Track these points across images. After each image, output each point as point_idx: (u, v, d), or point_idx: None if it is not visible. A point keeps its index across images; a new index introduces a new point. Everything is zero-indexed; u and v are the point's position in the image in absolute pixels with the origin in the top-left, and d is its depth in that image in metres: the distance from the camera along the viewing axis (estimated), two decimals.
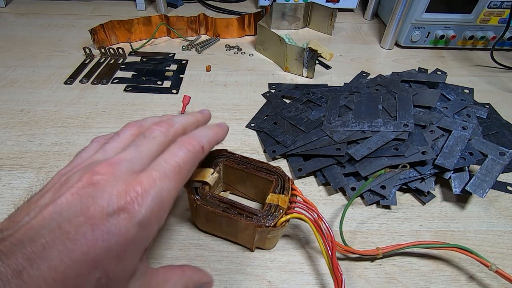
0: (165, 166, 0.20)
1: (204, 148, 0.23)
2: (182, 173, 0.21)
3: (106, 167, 0.19)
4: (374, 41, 0.66)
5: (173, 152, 0.21)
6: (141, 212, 0.18)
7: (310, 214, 0.27)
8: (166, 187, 0.19)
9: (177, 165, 0.21)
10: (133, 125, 0.24)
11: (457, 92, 0.47)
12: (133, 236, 0.17)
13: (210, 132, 0.25)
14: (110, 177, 0.18)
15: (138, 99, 0.48)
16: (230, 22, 0.63)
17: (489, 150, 0.37)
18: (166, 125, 0.23)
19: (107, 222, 0.17)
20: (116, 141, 0.22)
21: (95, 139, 0.24)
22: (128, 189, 0.18)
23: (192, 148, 0.22)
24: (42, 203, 0.18)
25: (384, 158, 0.36)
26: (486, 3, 0.57)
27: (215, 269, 0.29)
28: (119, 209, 0.17)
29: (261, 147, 0.41)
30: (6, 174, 0.36)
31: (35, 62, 0.55)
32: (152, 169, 0.20)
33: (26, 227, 0.16)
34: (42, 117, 0.44)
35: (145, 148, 0.21)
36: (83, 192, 0.17)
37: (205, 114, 0.28)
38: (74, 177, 0.19)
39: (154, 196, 0.18)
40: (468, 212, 0.35)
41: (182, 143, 0.22)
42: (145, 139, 0.22)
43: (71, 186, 0.18)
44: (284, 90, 0.50)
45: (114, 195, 0.17)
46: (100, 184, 0.18)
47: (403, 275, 0.29)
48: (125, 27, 0.60)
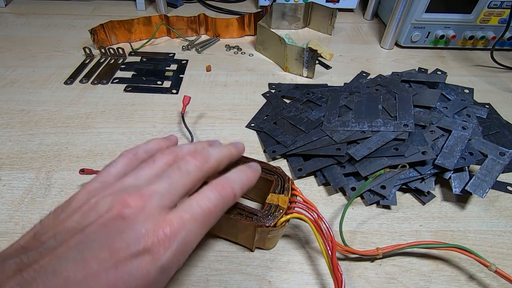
0: (197, 209, 0.20)
1: (236, 195, 0.22)
2: (211, 218, 0.20)
3: (137, 199, 0.18)
4: (374, 41, 0.66)
5: (206, 195, 0.21)
6: (165, 256, 0.17)
7: (310, 214, 0.27)
8: (193, 231, 0.19)
9: (208, 210, 0.20)
10: (169, 154, 0.23)
11: (457, 92, 0.47)
12: (153, 279, 0.17)
13: (244, 177, 0.24)
14: (140, 212, 0.18)
15: (138, 99, 0.48)
16: (230, 22, 0.63)
17: (489, 150, 0.37)
18: (201, 159, 0.22)
19: (130, 263, 0.16)
20: (150, 168, 0.22)
21: (124, 154, 0.23)
22: (156, 229, 0.17)
23: (226, 194, 0.21)
24: (69, 226, 0.17)
25: (384, 158, 0.36)
26: (486, 3, 0.57)
27: (215, 269, 0.29)
28: (144, 250, 0.17)
29: (261, 147, 0.41)
30: (6, 174, 0.36)
31: (35, 62, 0.55)
32: (183, 210, 0.19)
33: (51, 255, 0.16)
34: (42, 117, 0.44)
35: (178, 183, 0.20)
36: (111, 225, 0.17)
37: (240, 149, 0.27)
38: (103, 203, 0.18)
39: (181, 240, 0.18)
40: (468, 212, 0.35)
41: (217, 187, 0.21)
42: (179, 171, 0.21)
43: (100, 216, 0.18)
44: (284, 90, 0.50)
45: (142, 234, 0.17)
46: (130, 219, 0.17)
47: (403, 275, 0.29)
48: (125, 27, 0.60)
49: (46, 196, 0.34)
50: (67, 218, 0.18)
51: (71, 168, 0.37)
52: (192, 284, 0.28)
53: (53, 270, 0.16)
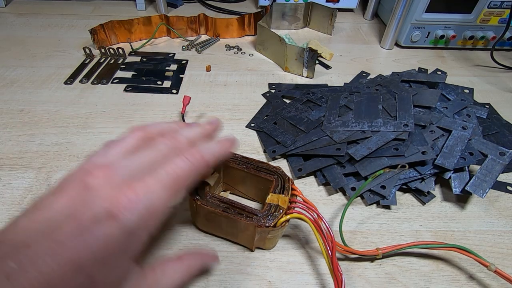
0: (163, 174, 0.20)
1: (208, 162, 0.23)
2: (179, 183, 0.21)
3: (103, 170, 0.19)
4: (374, 41, 0.66)
5: (174, 162, 0.21)
6: (130, 220, 0.18)
7: (310, 214, 0.27)
8: (159, 196, 0.19)
9: (175, 174, 0.20)
10: (138, 130, 0.23)
11: (457, 92, 0.47)
12: (120, 242, 0.18)
13: (216, 146, 0.24)
14: (105, 182, 0.18)
15: (138, 99, 0.48)
16: (230, 22, 0.63)
17: (489, 150, 0.37)
18: (171, 138, 0.23)
19: (94, 227, 0.17)
20: (119, 146, 0.22)
21: (105, 143, 0.24)
22: (120, 196, 0.18)
23: (194, 160, 0.22)
24: (42, 206, 0.18)
25: (384, 158, 0.36)
26: (486, 3, 0.57)
27: (215, 269, 0.29)
28: (108, 216, 0.17)
29: (261, 147, 0.41)
30: (6, 174, 0.36)
31: (35, 62, 0.55)
32: (149, 176, 0.20)
33: (22, 229, 0.17)
34: (42, 117, 0.44)
35: (146, 158, 0.21)
36: (77, 196, 0.18)
37: (214, 124, 0.28)
38: (72, 180, 0.19)
39: (146, 203, 0.18)
40: (468, 212, 0.35)
41: (185, 154, 0.22)
42: (148, 149, 0.22)
43: (67, 188, 0.18)
44: (284, 90, 0.50)
45: (106, 201, 0.18)
46: (94, 188, 0.18)
47: (403, 275, 0.29)
48: (125, 27, 0.60)
49: None
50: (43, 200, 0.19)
51: (71, 168, 0.37)
52: (192, 284, 0.28)
53: (23, 242, 0.16)
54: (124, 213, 0.18)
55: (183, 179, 0.21)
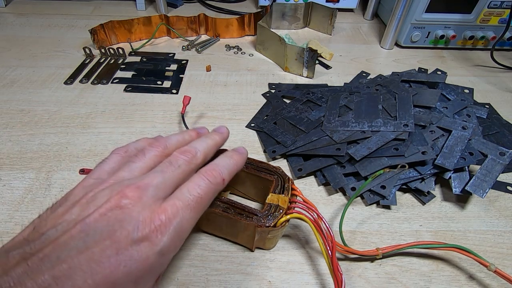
0: (188, 196, 0.21)
1: (224, 180, 0.24)
2: (202, 203, 0.22)
3: (134, 190, 0.19)
4: (374, 41, 0.66)
5: (196, 183, 0.22)
6: (162, 241, 0.18)
7: (310, 214, 0.27)
8: (187, 217, 0.20)
9: (199, 196, 0.21)
10: (158, 146, 0.24)
11: (457, 92, 0.47)
12: (152, 263, 0.18)
13: (231, 162, 0.25)
14: (137, 202, 0.19)
15: (138, 99, 0.48)
16: (230, 22, 0.63)
17: (489, 150, 0.37)
18: (190, 155, 0.24)
19: (131, 248, 0.17)
20: (141, 161, 0.23)
21: (116, 151, 0.24)
22: (153, 217, 0.19)
23: (214, 180, 0.23)
24: (69, 219, 0.18)
25: (384, 158, 0.36)
26: (486, 3, 0.57)
27: (215, 269, 0.29)
28: (143, 237, 0.18)
29: (261, 147, 0.41)
30: (6, 174, 0.36)
31: (35, 62, 0.55)
32: (176, 198, 0.20)
33: (54, 243, 0.17)
34: (42, 117, 0.44)
35: (170, 176, 0.22)
36: (111, 214, 0.18)
37: (224, 135, 0.29)
38: (102, 195, 0.19)
39: (176, 225, 0.19)
40: (468, 212, 0.35)
41: (205, 174, 0.23)
42: (170, 166, 0.22)
43: (100, 206, 0.18)
44: (284, 90, 0.50)
45: (140, 222, 0.18)
46: (128, 208, 0.18)
47: (403, 275, 0.29)
48: (125, 27, 0.60)
49: (46, 196, 0.34)
50: (66, 211, 0.19)
51: (71, 168, 0.37)
52: (192, 284, 0.28)
53: (57, 257, 0.16)
54: (157, 236, 0.18)
55: (205, 200, 0.22)
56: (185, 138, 0.27)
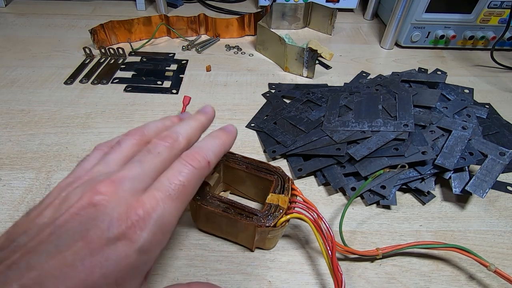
0: (169, 186, 0.19)
1: (210, 163, 0.22)
2: (186, 192, 0.20)
3: (108, 185, 0.18)
4: (374, 41, 0.66)
5: (177, 170, 0.20)
6: (142, 237, 0.17)
7: (310, 214, 0.27)
8: (169, 209, 0.18)
9: (181, 184, 0.19)
10: (134, 134, 0.22)
11: (457, 92, 0.47)
12: (133, 262, 0.17)
13: (216, 142, 0.23)
14: (112, 198, 0.17)
15: (138, 99, 0.48)
16: (230, 22, 0.63)
17: (489, 150, 0.37)
18: (170, 140, 0.22)
19: (106, 248, 0.16)
20: (117, 152, 0.21)
21: (97, 147, 0.23)
22: (129, 212, 0.17)
23: (197, 165, 0.21)
24: (40, 222, 0.17)
25: (384, 158, 0.36)
26: (486, 3, 0.57)
27: (215, 269, 0.29)
28: (119, 235, 0.16)
29: (261, 147, 0.41)
30: (6, 174, 0.36)
31: (35, 62, 0.55)
32: (155, 189, 0.19)
33: (23, 250, 0.16)
34: (42, 117, 0.44)
35: (149, 165, 0.20)
36: (84, 213, 0.17)
37: (209, 114, 0.26)
38: (74, 194, 0.18)
39: (156, 219, 0.18)
40: (468, 212, 0.35)
41: (187, 159, 0.21)
42: (149, 154, 0.20)
43: (71, 206, 0.17)
44: (284, 90, 0.50)
45: (115, 219, 0.17)
46: (101, 205, 0.17)
47: (403, 275, 0.29)
48: (125, 27, 0.60)
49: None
50: (38, 215, 0.18)
51: (71, 168, 0.37)
52: None
53: (27, 264, 0.15)
54: (136, 232, 0.17)
55: (189, 188, 0.20)
56: (165, 124, 0.24)
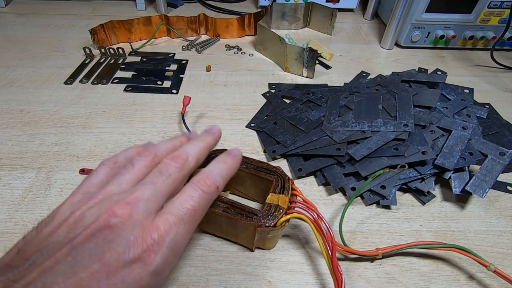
0: (181, 210, 0.20)
1: (219, 188, 0.23)
2: (197, 215, 0.21)
3: (124, 207, 0.18)
4: (374, 41, 0.66)
5: (189, 194, 0.21)
6: (156, 261, 0.17)
7: (310, 214, 0.27)
8: (181, 232, 0.19)
9: (193, 208, 0.20)
10: (147, 155, 0.23)
11: (457, 92, 0.47)
12: (146, 284, 0.17)
13: (224, 167, 0.24)
14: (128, 220, 0.18)
15: (138, 99, 0.48)
16: (230, 22, 0.63)
17: (489, 150, 0.37)
18: (181, 160, 0.22)
19: (122, 270, 0.17)
20: (130, 173, 0.22)
21: (104, 162, 0.23)
22: (145, 236, 0.18)
23: (208, 190, 0.22)
24: (55, 241, 0.17)
25: (384, 158, 0.36)
26: (486, 3, 0.57)
27: (215, 269, 0.29)
28: (135, 258, 0.17)
29: (261, 147, 0.41)
30: (6, 174, 0.36)
31: (35, 62, 0.55)
32: (168, 212, 0.19)
33: (39, 269, 0.16)
34: (42, 117, 0.44)
35: (161, 186, 0.21)
36: (100, 235, 0.17)
37: (215, 135, 0.27)
38: (89, 214, 0.18)
39: (169, 242, 0.18)
40: (468, 212, 0.35)
41: (198, 184, 0.22)
42: (161, 175, 0.21)
43: (87, 226, 0.17)
44: (284, 90, 0.50)
45: (132, 242, 0.17)
46: (117, 227, 0.17)
47: (403, 275, 0.29)
48: (125, 27, 0.60)
49: (46, 196, 0.34)
50: (52, 232, 0.18)
51: (71, 168, 0.37)
52: (192, 284, 0.28)
53: (43, 284, 0.15)
54: (150, 256, 0.17)
55: (199, 211, 0.21)
56: (175, 144, 0.25)
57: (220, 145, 0.41)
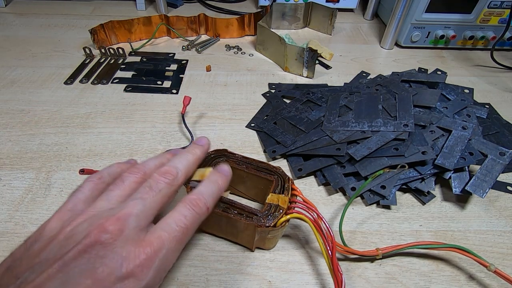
0: (175, 228, 0.20)
1: (209, 208, 0.23)
2: (188, 233, 0.21)
3: (115, 223, 0.18)
4: (374, 41, 0.66)
5: (182, 213, 0.21)
6: (148, 276, 0.18)
7: (310, 214, 0.27)
8: (172, 249, 0.19)
9: (185, 227, 0.21)
10: (136, 172, 0.23)
11: (457, 92, 0.47)
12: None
13: (215, 188, 0.24)
14: (119, 236, 0.18)
15: (138, 99, 0.48)
16: (230, 22, 0.63)
17: (489, 150, 0.37)
18: (170, 176, 0.23)
19: (114, 286, 0.17)
20: (120, 189, 0.22)
21: (88, 179, 0.23)
22: (137, 252, 0.18)
23: (199, 210, 0.22)
24: (46, 257, 0.17)
25: (384, 158, 0.36)
26: (486, 3, 0.57)
27: (215, 269, 0.29)
28: (128, 273, 0.17)
29: (261, 147, 0.41)
30: (6, 174, 0.36)
31: (35, 62, 0.55)
32: (161, 229, 0.20)
33: (30, 286, 0.16)
34: (42, 117, 0.44)
35: (151, 201, 0.21)
36: (91, 251, 0.17)
37: (204, 147, 0.27)
38: (80, 230, 0.18)
39: (161, 258, 0.19)
40: (468, 212, 0.35)
41: (191, 205, 0.22)
42: (151, 191, 0.21)
43: (78, 242, 0.17)
44: (284, 90, 0.50)
45: (124, 258, 0.17)
46: (109, 243, 0.17)
47: (403, 275, 0.29)
48: (125, 27, 0.60)
49: (46, 196, 0.34)
50: (42, 249, 0.18)
51: (71, 168, 0.37)
52: (192, 284, 0.28)
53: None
54: (143, 271, 0.18)
55: (191, 230, 0.21)
56: (162, 162, 0.25)
57: (220, 145, 0.41)
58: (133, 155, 0.39)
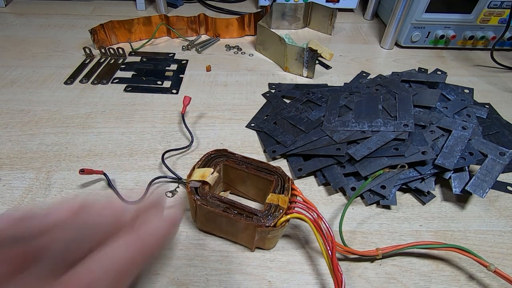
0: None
1: (152, 251, 0.15)
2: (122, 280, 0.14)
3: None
4: (374, 41, 0.66)
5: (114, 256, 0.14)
6: None
7: (310, 214, 0.27)
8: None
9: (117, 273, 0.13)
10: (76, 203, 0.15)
11: (457, 92, 0.47)
12: None
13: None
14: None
15: (138, 99, 0.48)
16: (230, 22, 0.63)
17: (489, 150, 0.37)
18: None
19: None
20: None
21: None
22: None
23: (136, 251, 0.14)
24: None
25: (384, 158, 0.36)
26: (486, 3, 0.57)
27: (215, 269, 0.29)
28: None
29: (261, 147, 0.41)
30: (6, 174, 0.36)
31: (35, 62, 0.55)
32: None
33: None
34: (42, 117, 0.44)
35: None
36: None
37: (162, 231, 0.17)
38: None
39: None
40: (468, 212, 0.35)
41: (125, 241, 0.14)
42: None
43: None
44: (284, 90, 0.50)
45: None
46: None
47: (403, 275, 0.29)
48: (125, 27, 0.60)
49: (46, 196, 0.34)
50: None
51: (71, 168, 0.37)
52: (192, 284, 0.28)
53: None
54: None
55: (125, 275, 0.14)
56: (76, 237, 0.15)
57: (220, 145, 0.41)
58: (133, 155, 0.39)
